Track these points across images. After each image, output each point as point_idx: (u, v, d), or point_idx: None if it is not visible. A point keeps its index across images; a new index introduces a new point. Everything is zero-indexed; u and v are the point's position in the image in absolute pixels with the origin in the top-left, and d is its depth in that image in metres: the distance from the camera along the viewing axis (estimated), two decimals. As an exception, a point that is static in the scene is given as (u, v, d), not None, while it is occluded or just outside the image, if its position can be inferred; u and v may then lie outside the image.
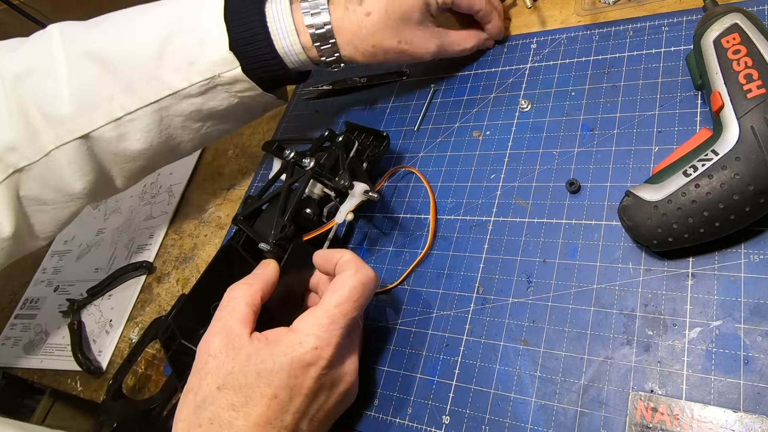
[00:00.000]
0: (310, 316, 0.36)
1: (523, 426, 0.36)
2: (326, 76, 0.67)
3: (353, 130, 0.53)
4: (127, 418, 0.47)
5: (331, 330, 0.36)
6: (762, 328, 0.33)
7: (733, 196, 0.33)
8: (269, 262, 0.41)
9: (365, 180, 0.46)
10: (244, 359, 0.35)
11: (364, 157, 0.51)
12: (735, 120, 0.34)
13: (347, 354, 0.39)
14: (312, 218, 0.48)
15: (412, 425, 0.40)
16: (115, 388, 0.48)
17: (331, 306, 0.36)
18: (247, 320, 0.37)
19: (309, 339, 0.35)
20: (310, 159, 0.47)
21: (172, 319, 0.45)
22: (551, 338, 0.38)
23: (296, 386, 0.35)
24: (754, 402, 0.31)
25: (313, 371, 0.35)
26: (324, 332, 0.35)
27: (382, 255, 0.49)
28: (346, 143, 0.49)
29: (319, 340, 0.35)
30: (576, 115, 0.47)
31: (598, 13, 0.52)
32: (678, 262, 0.37)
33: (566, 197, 0.43)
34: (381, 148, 0.52)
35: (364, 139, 0.52)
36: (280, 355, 0.35)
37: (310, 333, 0.35)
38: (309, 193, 0.48)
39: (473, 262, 0.44)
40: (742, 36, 0.36)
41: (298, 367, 0.35)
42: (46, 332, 0.69)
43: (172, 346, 0.45)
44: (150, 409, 0.48)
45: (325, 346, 0.35)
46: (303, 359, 0.35)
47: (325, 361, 0.35)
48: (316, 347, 0.35)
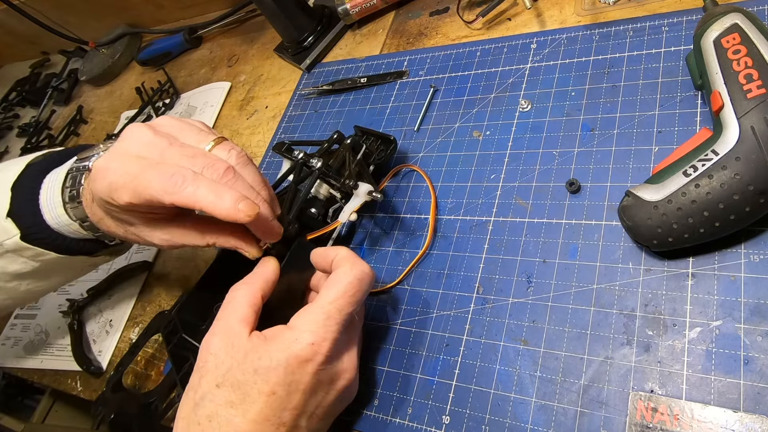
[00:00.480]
0: (306, 312, 0.36)
1: (523, 426, 0.36)
2: (326, 75, 0.67)
3: (362, 133, 0.53)
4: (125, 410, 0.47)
5: (327, 326, 0.36)
6: (762, 328, 0.33)
7: (733, 196, 0.33)
8: (269, 260, 0.41)
9: (370, 181, 0.46)
10: (242, 357, 0.35)
11: (372, 160, 0.51)
12: (735, 120, 0.34)
13: (345, 350, 0.39)
14: (317, 218, 0.48)
15: (412, 425, 0.40)
16: (116, 380, 0.48)
17: (327, 302, 0.36)
18: (247, 319, 0.37)
19: (305, 335, 0.35)
20: (318, 159, 0.47)
21: (175, 313, 0.45)
22: (551, 338, 0.38)
23: (294, 383, 0.35)
24: (754, 402, 0.31)
25: (310, 367, 0.35)
26: (320, 328, 0.35)
27: (383, 254, 0.49)
28: (354, 146, 0.49)
29: (315, 335, 0.35)
30: (576, 115, 0.47)
31: (598, 13, 0.52)
32: (678, 262, 0.37)
33: (566, 197, 0.43)
34: (388, 151, 0.52)
35: (372, 142, 0.53)
36: (277, 351, 0.35)
37: (306, 329, 0.35)
38: (315, 193, 0.48)
39: (473, 262, 0.44)
40: (742, 36, 0.36)
41: (295, 363, 0.35)
42: (46, 332, 0.69)
43: (173, 340, 0.45)
44: (149, 403, 0.48)
45: (321, 341, 0.35)
46: (300, 355, 0.35)
47: (321, 356, 0.35)
48: (312, 343, 0.35)
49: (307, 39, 0.71)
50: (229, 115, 0.77)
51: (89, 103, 1.04)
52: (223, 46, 0.90)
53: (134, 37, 1.04)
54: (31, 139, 1.03)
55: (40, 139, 1.03)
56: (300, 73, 0.72)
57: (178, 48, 0.94)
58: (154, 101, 0.87)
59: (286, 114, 0.69)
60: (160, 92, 0.88)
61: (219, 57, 0.88)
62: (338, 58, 0.70)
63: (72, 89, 1.10)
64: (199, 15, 0.97)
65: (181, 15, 0.99)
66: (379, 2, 0.68)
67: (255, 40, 0.85)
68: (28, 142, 1.03)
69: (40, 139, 1.03)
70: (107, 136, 0.89)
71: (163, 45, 0.95)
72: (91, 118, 1.00)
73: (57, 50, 1.15)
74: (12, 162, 0.48)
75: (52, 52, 1.23)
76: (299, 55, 0.71)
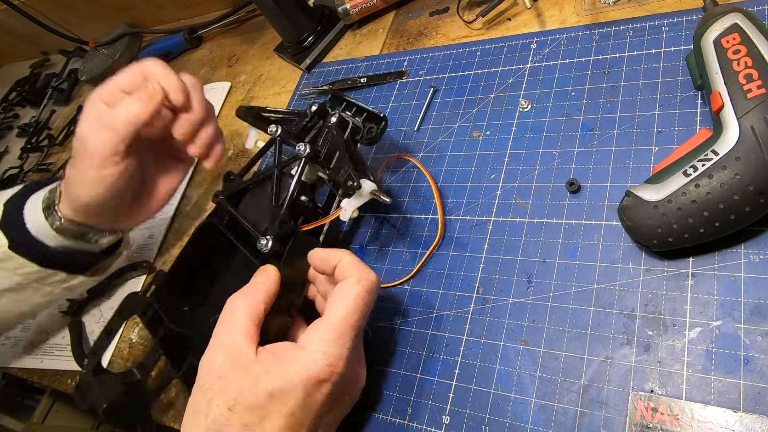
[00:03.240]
0: (317, 331, 0.36)
1: (523, 426, 0.36)
2: (326, 75, 0.67)
3: (341, 103, 0.48)
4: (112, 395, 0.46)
5: (340, 344, 0.35)
6: (762, 328, 0.33)
7: (733, 196, 0.33)
8: (269, 269, 0.40)
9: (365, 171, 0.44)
10: (254, 378, 0.34)
11: (359, 138, 0.47)
12: (735, 120, 0.34)
13: (357, 363, 0.38)
14: (307, 205, 0.46)
15: (412, 425, 0.40)
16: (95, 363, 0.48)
17: (338, 319, 0.36)
18: (250, 335, 0.36)
19: (320, 356, 0.34)
20: (305, 145, 0.43)
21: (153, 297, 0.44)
22: (551, 338, 0.38)
23: (312, 403, 0.34)
24: (754, 402, 0.31)
25: (326, 388, 0.35)
26: (333, 347, 0.35)
27: (383, 254, 0.49)
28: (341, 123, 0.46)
29: (331, 356, 0.35)
30: (576, 115, 0.47)
31: (598, 13, 0.52)
32: (678, 262, 0.37)
33: (566, 197, 0.43)
34: (378, 130, 0.47)
35: (356, 116, 0.48)
36: (294, 374, 0.34)
37: (319, 350, 0.35)
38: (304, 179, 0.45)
39: (473, 262, 0.44)
40: (742, 36, 0.36)
41: (312, 385, 0.34)
42: (46, 332, 0.69)
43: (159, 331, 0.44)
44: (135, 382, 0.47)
45: (338, 361, 0.35)
46: (318, 377, 0.34)
47: (337, 376, 0.35)
48: (330, 364, 0.34)
49: (307, 39, 0.71)
50: (229, 115, 0.77)
51: (89, 103, 1.04)
52: (223, 46, 0.90)
53: (134, 37, 1.04)
54: (31, 139, 1.03)
55: (40, 139, 1.03)
56: (300, 73, 0.72)
57: (178, 48, 0.94)
58: (154, 101, 0.87)
59: (286, 114, 0.69)
60: (160, 92, 0.88)
61: (219, 57, 0.88)
62: (338, 58, 0.70)
63: (72, 89, 1.10)
64: (199, 15, 0.97)
65: (181, 15, 0.99)
66: (379, 2, 0.68)
67: (255, 40, 0.85)
68: (28, 142, 1.03)
69: (40, 139, 1.03)
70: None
71: (163, 45, 0.95)
72: (91, 118, 1.00)
73: (57, 50, 1.15)
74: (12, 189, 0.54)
75: (52, 52, 1.23)
76: (299, 55, 0.71)
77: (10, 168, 1.02)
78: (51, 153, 0.99)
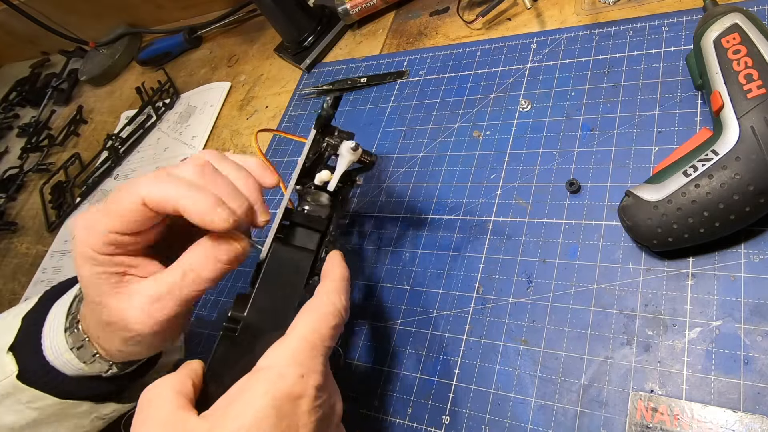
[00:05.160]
0: (282, 347, 0.30)
1: (523, 426, 0.36)
2: (326, 75, 0.67)
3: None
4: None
5: (313, 356, 0.30)
6: (762, 328, 0.33)
7: (733, 196, 0.33)
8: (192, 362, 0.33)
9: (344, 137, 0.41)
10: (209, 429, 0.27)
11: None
12: (735, 120, 0.34)
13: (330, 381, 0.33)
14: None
15: (412, 425, 0.40)
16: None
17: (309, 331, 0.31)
18: (181, 404, 0.29)
19: (290, 369, 0.29)
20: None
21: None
22: (551, 338, 0.38)
23: (290, 426, 0.28)
24: (754, 402, 0.31)
25: (304, 404, 0.29)
26: (306, 359, 0.30)
27: (383, 254, 0.49)
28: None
29: (303, 367, 0.29)
30: (576, 115, 0.47)
31: (598, 13, 0.52)
32: (678, 262, 0.37)
33: (566, 197, 0.43)
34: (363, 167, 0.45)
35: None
36: (258, 398, 0.28)
37: (288, 363, 0.29)
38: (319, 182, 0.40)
39: (473, 262, 0.44)
40: (742, 36, 0.36)
41: (286, 404, 0.28)
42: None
43: None
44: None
45: (310, 372, 0.30)
46: (291, 393, 0.28)
47: (313, 390, 0.29)
48: (302, 375, 0.29)
49: (307, 39, 0.71)
50: (229, 115, 0.77)
51: (89, 103, 1.04)
52: (223, 46, 0.90)
53: (134, 37, 1.04)
54: (31, 139, 1.03)
55: (40, 139, 1.03)
56: (300, 73, 0.72)
57: (178, 48, 0.94)
58: (154, 101, 0.87)
59: (286, 114, 0.69)
60: (160, 92, 0.88)
61: (219, 57, 0.88)
62: (338, 58, 0.70)
63: (72, 89, 1.10)
64: (199, 15, 0.97)
65: (181, 15, 0.99)
66: (379, 2, 0.68)
67: (255, 40, 0.85)
68: (28, 142, 1.03)
69: (40, 139, 1.03)
70: (107, 136, 0.89)
71: (163, 45, 0.95)
72: (91, 118, 1.00)
73: (57, 50, 1.15)
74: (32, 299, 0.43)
75: (52, 52, 1.23)
76: (299, 55, 0.71)
77: (10, 168, 1.02)
78: (51, 153, 0.99)
